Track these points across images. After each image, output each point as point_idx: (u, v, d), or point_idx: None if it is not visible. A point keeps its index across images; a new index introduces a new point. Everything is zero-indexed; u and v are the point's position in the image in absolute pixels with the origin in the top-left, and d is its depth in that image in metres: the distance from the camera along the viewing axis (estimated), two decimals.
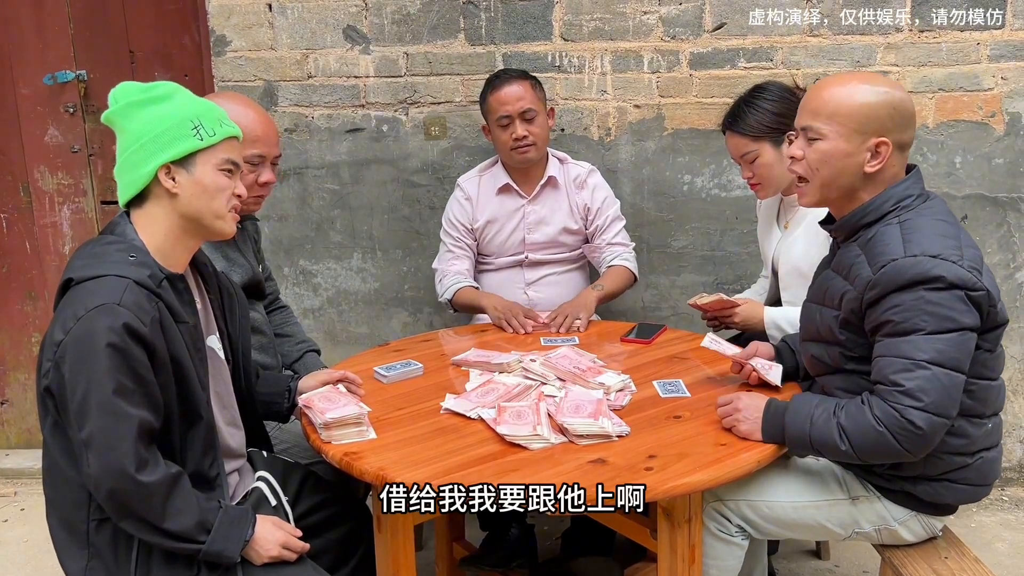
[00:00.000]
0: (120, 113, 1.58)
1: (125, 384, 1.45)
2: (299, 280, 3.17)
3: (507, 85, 2.61)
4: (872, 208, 1.71)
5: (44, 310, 3.39)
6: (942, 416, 1.58)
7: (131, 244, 1.56)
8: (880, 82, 1.72)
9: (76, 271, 1.52)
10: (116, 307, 1.44)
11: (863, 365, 1.72)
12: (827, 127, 1.70)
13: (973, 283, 1.59)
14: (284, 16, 2.97)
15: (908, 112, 1.70)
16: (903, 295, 1.59)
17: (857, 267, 1.68)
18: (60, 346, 1.45)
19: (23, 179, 3.28)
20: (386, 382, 2.08)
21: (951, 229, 1.67)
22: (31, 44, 3.15)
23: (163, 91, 1.60)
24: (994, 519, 2.95)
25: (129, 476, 1.44)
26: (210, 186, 1.59)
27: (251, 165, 2.08)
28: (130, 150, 1.56)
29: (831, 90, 1.71)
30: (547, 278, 2.76)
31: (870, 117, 1.67)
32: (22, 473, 3.37)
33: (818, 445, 1.67)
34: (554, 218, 2.73)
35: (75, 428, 1.46)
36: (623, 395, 1.93)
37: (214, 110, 1.62)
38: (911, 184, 1.72)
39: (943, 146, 2.93)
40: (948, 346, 1.58)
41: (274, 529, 1.63)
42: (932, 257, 1.59)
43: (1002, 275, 3.00)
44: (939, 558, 1.83)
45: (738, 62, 2.90)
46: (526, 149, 2.62)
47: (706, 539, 1.81)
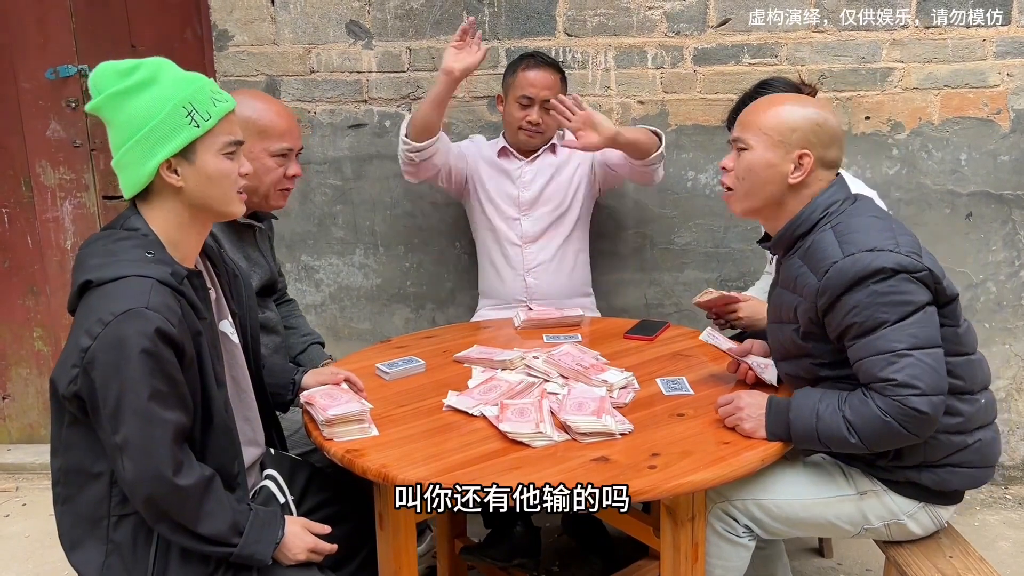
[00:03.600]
0: (106, 105, 1.50)
1: (159, 388, 1.43)
2: (301, 276, 3.16)
3: (541, 69, 2.62)
4: (803, 219, 1.78)
5: (45, 305, 3.38)
6: (940, 394, 1.63)
7: (146, 239, 1.52)
8: (808, 103, 1.82)
9: (94, 272, 1.47)
10: (145, 311, 1.41)
11: (837, 370, 1.75)
12: (754, 139, 1.79)
13: (913, 265, 1.64)
14: (286, 11, 2.96)
15: (833, 131, 1.78)
16: (854, 294, 1.64)
17: (802, 278, 1.74)
18: (88, 352, 1.41)
19: (25, 174, 3.27)
20: (388, 379, 2.08)
21: (881, 223, 1.73)
22: (33, 38, 3.15)
23: (147, 73, 1.50)
24: (998, 518, 2.95)
25: (167, 480, 1.43)
26: (215, 174, 1.54)
27: (280, 158, 2.10)
28: (125, 147, 1.50)
29: (761, 106, 1.82)
30: (546, 267, 2.72)
31: (794, 130, 1.76)
32: (23, 468, 3.37)
33: (826, 440, 1.69)
34: (551, 176, 2.71)
35: (108, 432, 1.44)
36: (626, 392, 1.92)
37: (204, 86, 1.54)
38: (835, 190, 1.79)
39: (948, 143, 2.92)
40: (917, 328, 1.63)
41: (302, 532, 1.62)
42: (869, 251, 1.64)
43: (1007, 272, 2.98)
44: (943, 556, 1.82)
45: (742, 58, 2.89)
46: (533, 135, 2.66)
47: (712, 540, 1.81)
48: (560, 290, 2.71)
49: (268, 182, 2.10)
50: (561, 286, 2.71)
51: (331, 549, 1.65)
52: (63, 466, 1.57)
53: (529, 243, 2.72)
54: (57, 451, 1.57)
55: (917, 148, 2.93)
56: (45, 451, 1.63)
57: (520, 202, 2.71)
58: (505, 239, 2.74)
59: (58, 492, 1.59)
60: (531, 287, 2.72)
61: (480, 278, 2.87)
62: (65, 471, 1.57)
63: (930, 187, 2.95)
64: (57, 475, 1.58)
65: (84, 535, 1.57)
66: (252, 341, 1.85)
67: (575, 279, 2.77)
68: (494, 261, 2.77)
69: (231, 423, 1.61)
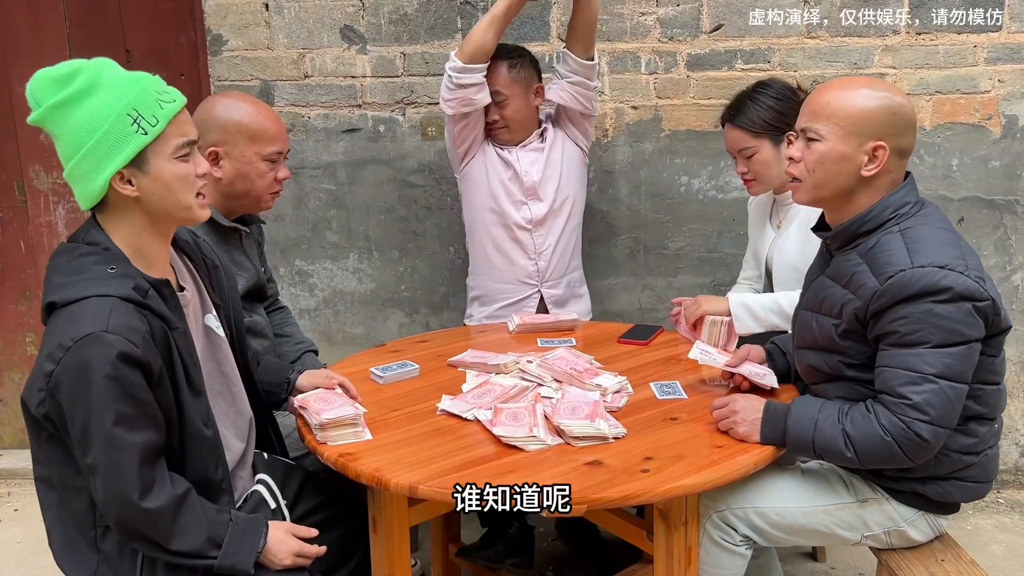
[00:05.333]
0: (47, 117, 1.44)
1: (125, 412, 1.41)
2: (295, 280, 3.16)
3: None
4: (871, 216, 1.70)
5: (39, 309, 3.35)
6: (946, 427, 1.61)
7: (107, 253, 1.48)
8: (881, 87, 1.71)
9: (56, 292, 1.44)
10: (104, 335, 1.37)
11: (863, 372, 1.72)
12: (825, 128, 1.69)
13: (980, 293, 1.59)
14: (281, 15, 2.96)
15: (908, 118, 1.69)
16: (910, 306, 1.59)
17: (860, 276, 1.68)
18: (52, 376, 1.39)
19: (18, 178, 3.27)
20: (382, 383, 2.07)
21: (952, 237, 1.67)
22: (26, 42, 3.14)
23: (86, 80, 1.42)
24: (990, 522, 2.95)
25: (133, 504, 1.42)
26: (170, 180, 1.48)
27: (270, 163, 2.10)
28: (73, 160, 1.44)
29: (832, 93, 1.71)
30: (554, 249, 2.67)
31: (868, 120, 1.66)
32: (16, 473, 3.35)
33: (821, 450, 1.68)
34: (546, 160, 2.64)
35: (79, 453, 1.44)
36: (620, 397, 1.92)
37: (147, 88, 1.46)
38: (908, 192, 1.72)
39: (940, 148, 2.93)
40: (954, 360, 1.59)
41: (287, 537, 1.61)
42: (940, 268, 1.59)
43: (998, 277, 3.00)
44: (935, 561, 1.83)
45: (735, 63, 2.90)
46: (499, 130, 2.61)
47: (709, 548, 1.81)
48: (564, 267, 2.71)
49: (261, 186, 2.11)
50: (565, 266, 2.72)
51: (318, 552, 1.64)
52: (45, 476, 1.56)
53: (539, 228, 2.65)
54: (39, 461, 1.56)
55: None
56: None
57: (526, 187, 2.63)
58: (513, 223, 2.64)
59: (45, 500, 1.58)
60: (542, 269, 2.68)
61: (478, 266, 2.77)
62: (47, 480, 1.56)
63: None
64: (42, 484, 1.58)
65: (74, 544, 1.56)
66: (237, 332, 1.82)
67: (576, 255, 2.77)
68: (500, 246, 2.67)
69: (211, 431, 1.59)
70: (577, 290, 2.79)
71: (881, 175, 1.70)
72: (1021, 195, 2.96)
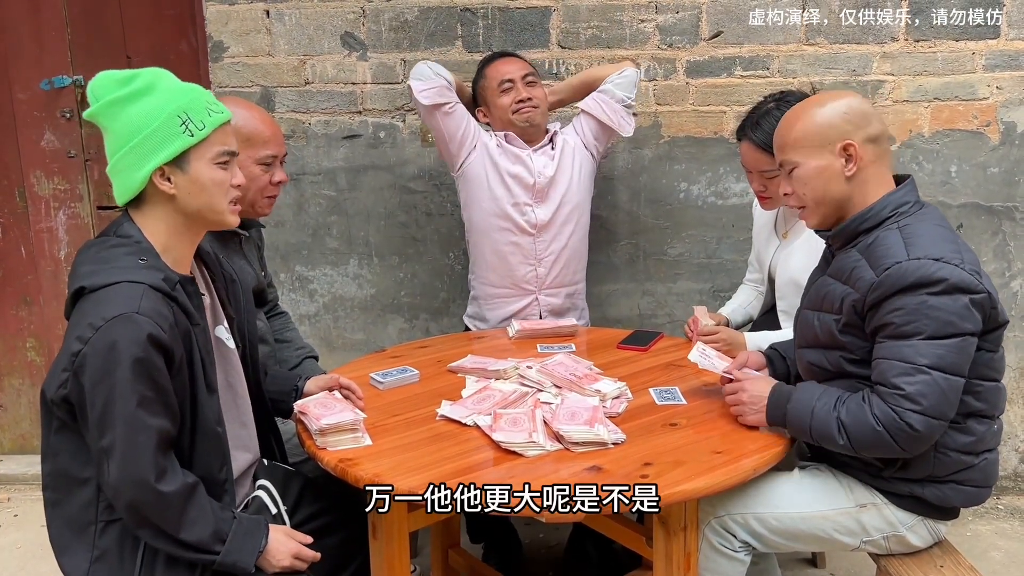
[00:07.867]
0: (103, 112, 1.53)
1: (147, 395, 1.44)
2: (295, 286, 3.17)
3: (506, 57, 2.66)
4: (871, 214, 1.74)
5: (39, 315, 3.38)
6: (939, 419, 1.62)
7: (138, 246, 1.54)
8: (826, 98, 1.79)
9: (87, 278, 1.49)
10: (136, 316, 1.42)
11: (863, 368, 1.73)
12: (797, 155, 1.77)
13: (975, 286, 1.62)
14: (282, 22, 2.97)
15: (861, 110, 1.75)
16: (906, 298, 1.62)
17: (858, 270, 1.71)
18: (79, 356, 1.42)
19: (19, 184, 3.27)
20: (382, 388, 2.08)
21: (949, 234, 1.71)
22: (28, 49, 3.15)
23: (144, 82, 1.53)
24: (989, 528, 2.95)
25: (149, 486, 1.44)
26: (207, 183, 1.56)
27: (265, 166, 2.11)
28: (119, 153, 1.52)
29: (789, 124, 1.80)
30: (557, 257, 2.67)
31: (826, 128, 1.74)
32: (15, 479, 3.35)
33: (817, 436, 1.70)
34: (557, 164, 2.64)
35: (95, 436, 1.45)
36: (619, 402, 1.93)
37: (200, 97, 1.57)
38: (907, 192, 1.76)
39: (938, 155, 2.94)
40: (948, 351, 1.61)
41: (286, 539, 1.63)
42: (935, 260, 1.62)
43: (997, 283, 3.00)
44: (935, 567, 1.83)
45: (734, 70, 2.91)
46: (530, 109, 2.60)
47: (709, 554, 1.81)
48: (567, 273, 2.71)
49: (255, 189, 2.11)
50: (569, 277, 2.72)
51: (315, 557, 1.65)
52: (51, 471, 1.58)
53: (541, 233, 2.64)
54: (47, 456, 1.58)
55: (908, 160, 2.95)
56: (37, 462, 1.64)
57: (535, 189, 2.62)
58: (516, 227, 2.63)
59: (48, 497, 1.59)
60: (541, 275, 2.67)
61: (476, 266, 2.76)
62: (54, 476, 1.57)
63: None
64: (47, 480, 1.59)
65: (72, 540, 1.57)
66: (250, 347, 1.85)
67: (580, 269, 2.77)
68: (498, 248, 2.65)
69: (221, 429, 1.61)
70: (577, 302, 2.77)
71: (864, 168, 1.75)
72: (1019, 201, 2.97)
